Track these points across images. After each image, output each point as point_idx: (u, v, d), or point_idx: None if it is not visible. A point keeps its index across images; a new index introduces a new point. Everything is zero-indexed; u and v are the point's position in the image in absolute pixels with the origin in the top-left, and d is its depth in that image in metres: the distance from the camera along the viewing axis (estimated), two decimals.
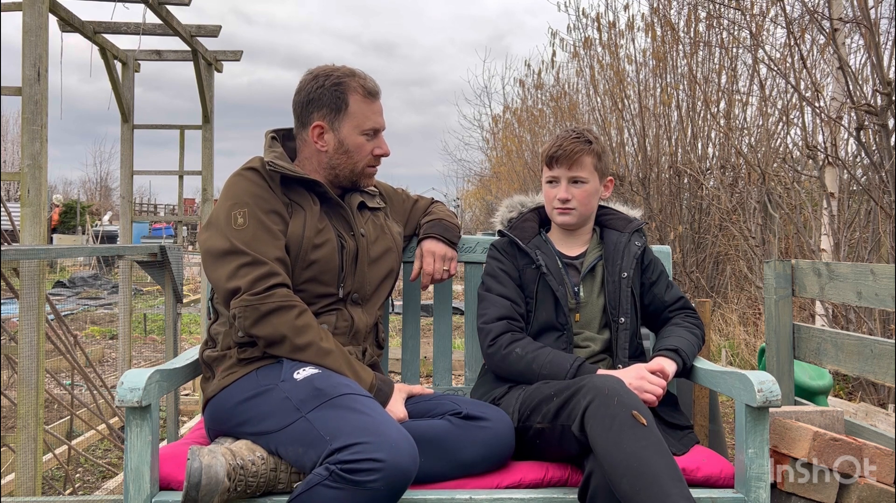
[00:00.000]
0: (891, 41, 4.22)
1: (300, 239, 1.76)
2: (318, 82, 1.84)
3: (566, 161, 1.94)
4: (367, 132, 1.85)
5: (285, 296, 1.68)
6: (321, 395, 1.55)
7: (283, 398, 1.59)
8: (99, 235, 17.62)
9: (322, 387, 1.57)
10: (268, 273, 1.68)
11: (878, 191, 3.73)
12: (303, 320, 1.68)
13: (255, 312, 1.65)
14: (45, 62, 2.98)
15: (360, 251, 1.86)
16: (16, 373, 2.92)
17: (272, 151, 1.84)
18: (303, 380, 1.60)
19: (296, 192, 1.82)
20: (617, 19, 7.63)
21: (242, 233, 1.71)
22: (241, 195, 1.75)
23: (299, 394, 1.57)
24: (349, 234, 1.86)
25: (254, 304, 1.65)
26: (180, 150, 5.22)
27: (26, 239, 2.91)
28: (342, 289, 1.82)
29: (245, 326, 1.67)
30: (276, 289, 1.67)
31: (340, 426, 1.48)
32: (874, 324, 3.98)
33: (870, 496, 1.74)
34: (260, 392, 1.64)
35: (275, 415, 1.58)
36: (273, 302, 1.65)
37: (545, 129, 10.57)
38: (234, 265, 1.69)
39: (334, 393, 1.55)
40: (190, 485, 1.45)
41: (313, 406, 1.54)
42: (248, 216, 1.72)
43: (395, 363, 4.23)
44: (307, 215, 1.79)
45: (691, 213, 6.99)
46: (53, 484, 3.37)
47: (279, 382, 1.63)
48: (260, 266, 1.68)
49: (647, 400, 1.73)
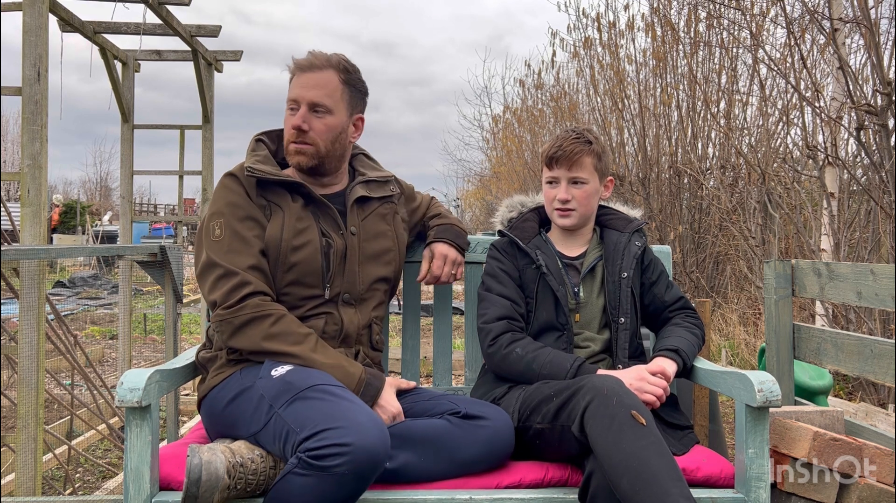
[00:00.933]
0: (891, 41, 4.22)
1: (278, 241, 1.76)
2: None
3: (566, 162, 1.94)
4: (289, 103, 1.81)
5: (257, 307, 1.68)
6: (291, 389, 1.56)
7: (260, 396, 1.60)
8: (99, 235, 17.62)
9: (293, 380, 1.58)
10: (239, 283, 1.68)
11: (878, 191, 3.73)
12: (277, 328, 1.68)
13: (229, 326, 1.68)
14: (45, 62, 2.98)
15: (350, 249, 1.83)
16: (16, 373, 2.92)
17: (254, 155, 1.84)
18: (278, 377, 1.61)
19: (274, 193, 1.80)
20: (617, 19, 7.64)
21: (218, 245, 1.73)
22: (220, 204, 1.77)
23: (272, 391, 1.58)
24: (337, 232, 1.83)
25: (227, 319, 1.67)
26: (180, 150, 5.22)
27: (26, 239, 2.91)
28: (328, 289, 1.80)
29: (224, 341, 1.71)
30: (248, 299, 1.68)
31: (309, 415, 1.48)
32: (874, 324, 3.98)
33: (870, 496, 1.74)
34: (242, 391, 1.65)
35: (255, 415, 1.60)
36: (245, 314, 1.67)
37: (545, 129, 10.57)
38: (212, 278, 1.71)
39: (304, 385, 1.56)
40: (190, 482, 1.45)
41: (284, 401, 1.54)
42: (224, 226, 1.74)
43: (395, 363, 4.22)
44: (285, 216, 1.78)
45: (691, 213, 7.00)
46: (53, 484, 3.37)
47: (257, 380, 1.64)
48: (231, 277, 1.69)
49: (648, 401, 1.73)
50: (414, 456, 1.62)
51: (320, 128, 1.80)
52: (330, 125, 1.81)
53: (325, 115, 1.80)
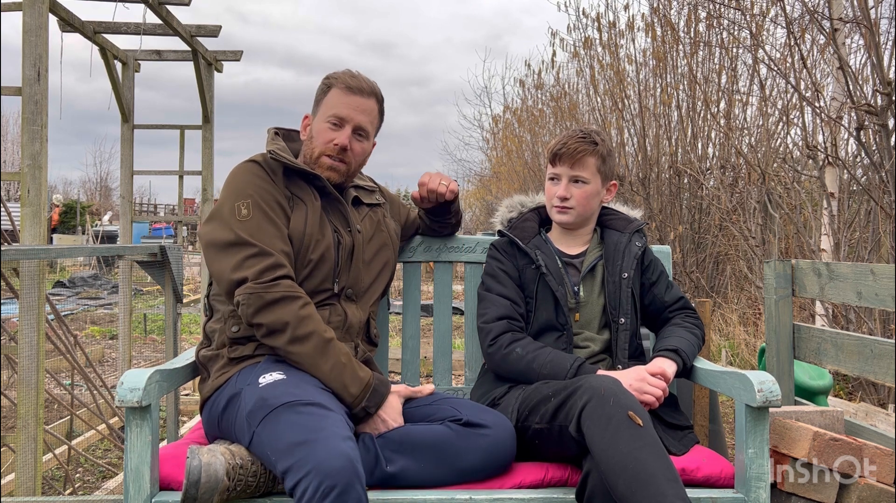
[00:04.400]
0: (891, 41, 4.22)
1: (301, 236, 1.77)
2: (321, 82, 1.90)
3: (569, 159, 1.95)
4: (330, 118, 1.84)
5: (290, 287, 1.68)
6: (265, 406, 1.54)
7: (241, 408, 1.60)
8: (99, 235, 17.62)
9: (268, 396, 1.56)
10: (274, 264, 1.68)
11: (878, 191, 3.73)
12: (306, 311, 1.68)
13: (259, 300, 1.65)
14: (45, 62, 2.98)
15: (356, 247, 1.87)
16: (16, 373, 2.92)
17: (274, 143, 1.86)
18: (261, 386, 1.59)
19: (297, 186, 1.83)
20: (617, 19, 7.64)
21: (247, 224, 1.71)
22: (245, 187, 1.76)
23: (249, 405, 1.57)
24: (346, 229, 1.87)
25: (258, 293, 1.65)
26: (180, 150, 5.22)
27: (26, 239, 2.91)
28: (336, 284, 1.83)
29: (248, 314, 1.66)
30: (281, 280, 1.68)
31: (278, 445, 1.46)
32: (874, 324, 3.97)
33: (870, 496, 1.74)
34: (232, 397, 1.65)
35: (239, 429, 1.59)
36: (278, 291, 1.66)
37: (545, 129, 10.56)
38: (240, 256, 1.68)
39: (276, 403, 1.53)
40: (189, 483, 1.45)
41: (259, 419, 1.53)
42: (252, 207, 1.73)
43: (395, 363, 4.23)
44: (308, 211, 1.80)
45: (691, 213, 7.00)
46: (53, 484, 3.37)
47: (245, 386, 1.63)
48: (266, 257, 1.68)
49: (647, 401, 1.73)
50: (413, 461, 1.61)
51: (358, 150, 1.88)
52: (365, 149, 1.90)
53: (363, 140, 1.89)
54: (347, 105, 1.84)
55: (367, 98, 1.86)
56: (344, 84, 1.85)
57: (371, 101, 1.87)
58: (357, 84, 1.85)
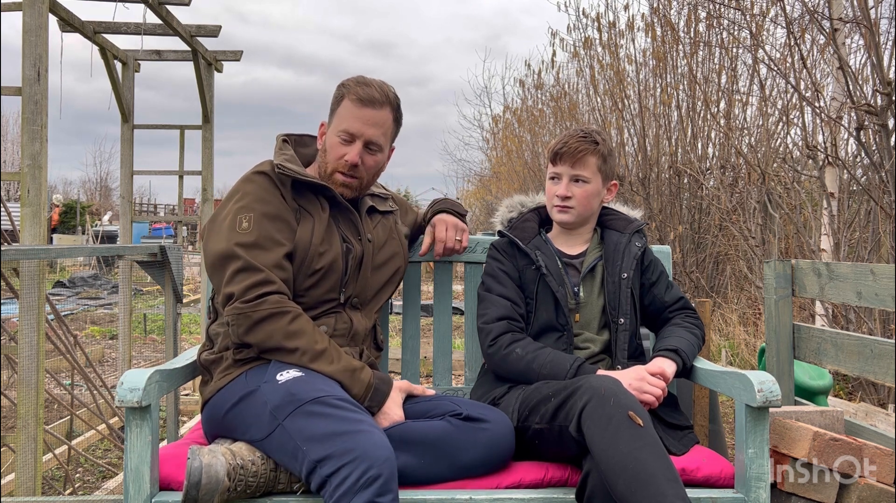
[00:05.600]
0: (891, 41, 4.22)
1: (307, 246, 1.77)
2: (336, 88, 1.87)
3: (570, 158, 1.95)
4: (341, 133, 1.81)
5: (276, 303, 1.67)
6: (294, 401, 1.55)
7: (263, 403, 1.59)
8: (99, 235, 17.62)
9: (296, 391, 1.57)
10: (262, 280, 1.68)
11: (878, 191, 3.73)
12: (295, 325, 1.68)
13: (247, 320, 1.66)
14: (45, 62, 2.98)
15: (366, 256, 1.87)
16: (16, 373, 2.92)
17: (282, 154, 1.85)
18: (283, 383, 1.60)
19: (306, 198, 1.82)
20: (617, 19, 7.64)
21: (245, 238, 1.71)
22: (250, 199, 1.76)
23: (275, 400, 1.57)
24: (356, 238, 1.86)
25: (245, 312, 1.65)
26: (180, 150, 5.23)
27: (26, 239, 2.91)
28: (343, 293, 1.83)
29: (238, 334, 1.68)
30: (268, 296, 1.67)
31: (314, 434, 1.48)
32: (874, 324, 3.97)
33: (870, 496, 1.74)
34: (245, 395, 1.64)
35: (257, 423, 1.59)
36: (264, 309, 1.65)
37: (545, 129, 10.57)
38: (231, 269, 1.69)
39: (307, 397, 1.54)
40: (190, 485, 1.45)
41: (287, 412, 1.54)
42: (253, 221, 1.73)
43: (395, 363, 4.22)
44: (315, 223, 1.79)
45: (691, 213, 7.00)
46: (53, 484, 3.37)
47: (262, 384, 1.63)
48: (255, 273, 1.68)
49: (647, 401, 1.73)
50: (413, 458, 1.62)
51: (370, 163, 1.85)
52: (378, 161, 1.87)
53: (376, 153, 1.85)
54: (358, 119, 1.80)
55: (380, 109, 1.81)
56: (355, 95, 1.80)
57: (383, 112, 1.82)
58: (368, 94, 1.80)
